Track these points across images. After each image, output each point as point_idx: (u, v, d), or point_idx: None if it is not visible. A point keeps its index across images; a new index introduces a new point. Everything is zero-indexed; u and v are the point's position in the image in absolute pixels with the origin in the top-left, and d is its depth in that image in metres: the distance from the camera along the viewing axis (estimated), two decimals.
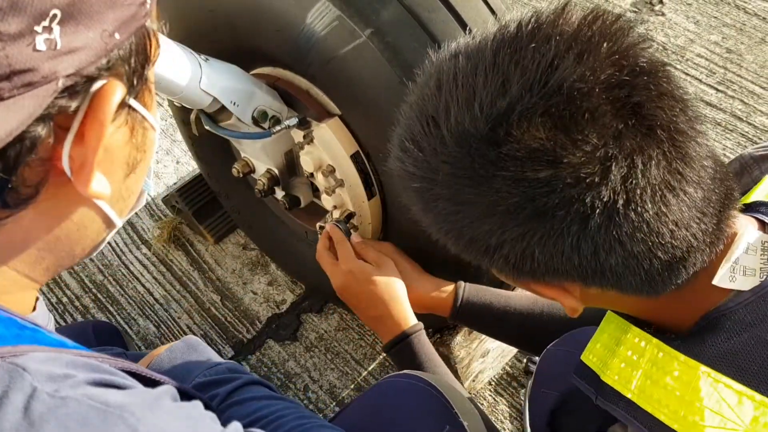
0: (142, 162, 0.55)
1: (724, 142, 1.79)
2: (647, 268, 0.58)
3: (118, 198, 0.54)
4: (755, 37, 2.01)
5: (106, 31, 0.44)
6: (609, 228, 0.54)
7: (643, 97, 0.53)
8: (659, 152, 0.53)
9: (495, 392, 1.39)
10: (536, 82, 0.51)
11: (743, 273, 0.61)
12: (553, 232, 0.55)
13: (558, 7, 0.56)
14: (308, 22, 0.97)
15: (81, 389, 0.46)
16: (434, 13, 0.92)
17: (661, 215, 0.54)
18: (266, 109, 1.06)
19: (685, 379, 0.61)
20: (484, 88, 0.53)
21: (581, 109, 0.51)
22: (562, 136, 0.51)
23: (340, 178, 1.10)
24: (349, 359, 1.47)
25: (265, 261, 1.65)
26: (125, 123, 0.51)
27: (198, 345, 0.85)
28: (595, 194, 0.52)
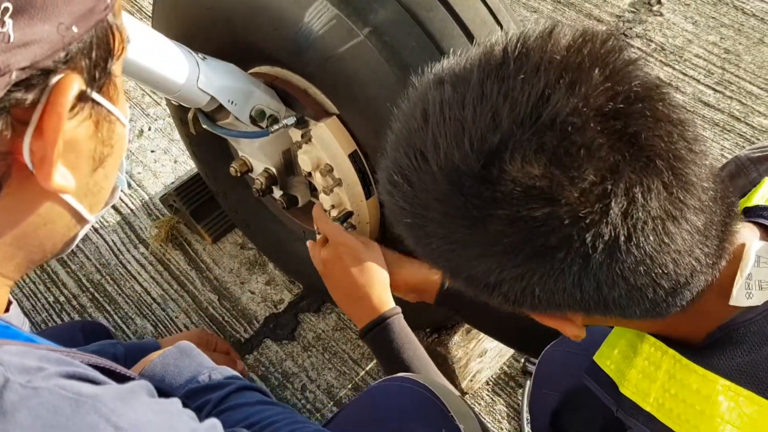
0: (110, 157, 0.55)
1: (722, 142, 1.79)
2: (651, 297, 0.56)
3: (86, 192, 0.54)
4: (753, 37, 2.02)
5: (63, 24, 0.44)
6: (611, 264, 0.53)
7: (639, 126, 0.51)
8: (659, 183, 0.51)
9: (493, 392, 1.39)
10: (528, 117, 0.49)
11: (759, 287, 0.60)
12: (553, 272, 0.54)
13: (545, 30, 0.54)
14: (306, 21, 0.96)
15: (53, 380, 0.46)
16: (432, 12, 0.92)
17: (664, 246, 0.53)
18: (264, 108, 1.06)
19: (704, 392, 0.60)
20: (473, 123, 0.51)
21: (576, 144, 0.49)
22: (558, 173, 0.49)
23: (338, 178, 1.10)
24: (346, 359, 1.47)
25: (263, 260, 1.64)
26: (89, 117, 0.50)
27: (191, 351, 0.84)
28: (596, 232, 0.51)
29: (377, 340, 1.00)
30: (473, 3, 0.95)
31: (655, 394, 0.64)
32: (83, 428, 0.44)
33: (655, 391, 0.65)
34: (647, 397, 0.65)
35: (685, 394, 0.62)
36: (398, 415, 0.84)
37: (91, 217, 0.56)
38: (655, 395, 0.64)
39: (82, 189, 0.53)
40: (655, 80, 0.54)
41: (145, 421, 0.48)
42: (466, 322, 1.22)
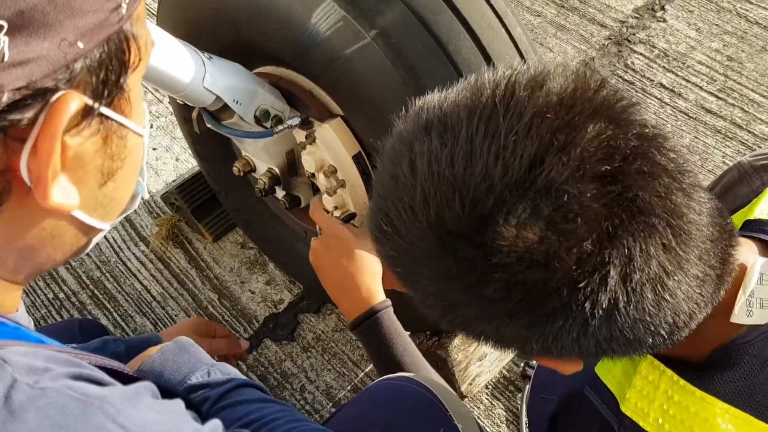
0: (122, 169, 0.53)
1: (724, 149, 1.79)
2: (650, 344, 0.56)
3: (95, 205, 0.53)
4: (756, 45, 2.02)
5: (66, 41, 0.42)
6: (610, 325, 0.52)
7: (637, 187, 0.49)
8: (657, 244, 0.50)
9: (492, 396, 1.39)
10: (521, 181, 0.47)
11: (760, 306, 0.59)
12: (551, 334, 0.53)
13: (537, 77, 0.52)
14: (313, 22, 0.96)
15: (61, 381, 0.46)
16: (439, 15, 0.92)
17: (662, 302, 0.52)
18: (269, 108, 1.06)
19: (703, 415, 0.60)
20: (463, 183, 0.48)
21: (572, 212, 0.47)
22: (555, 239, 0.48)
23: (341, 179, 1.10)
24: (346, 360, 1.47)
25: (264, 260, 1.64)
26: (96, 132, 0.49)
27: (190, 346, 0.84)
28: (594, 300, 0.50)
29: (367, 334, 0.98)
30: (480, 6, 0.95)
31: (655, 414, 0.64)
32: (91, 429, 0.44)
33: (654, 411, 0.64)
34: (647, 417, 0.65)
35: (684, 416, 0.62)
36: (397, 415, 0.84)
37: (104, 226, 0.55)
38: (654, 415, 0.64)
39: (90, 202, 0.52)
40: (653, 128, 0.52)
41: (150, 422, 0.48)
42: None
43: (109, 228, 0.56)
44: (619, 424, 0.69)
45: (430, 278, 0.54)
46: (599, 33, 2.08)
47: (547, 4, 2.17)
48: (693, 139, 1.81)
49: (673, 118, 1.86)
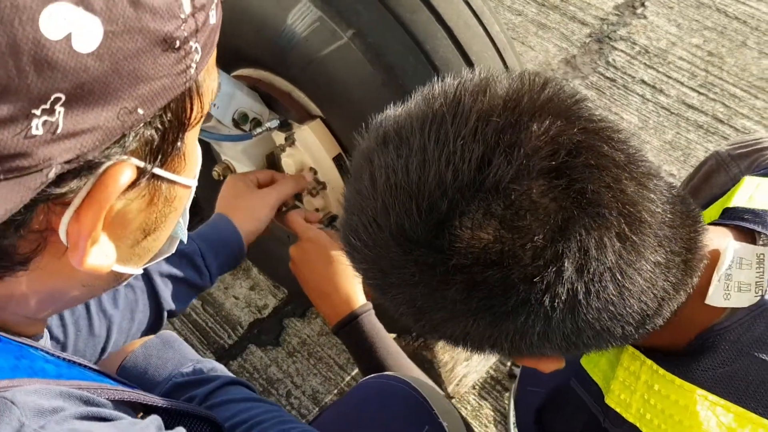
0: (165, 224, 0.50)
1: (706, 144, 1.79)
2: (620, 334, 0.56)
3: (131, 256, 0.50)
4: (736, 40, 2.03)
5: (125, 109, 0.39)
6: (573, 317, 0.52)
7: (584, 180, 0.50)
8: (611, 234, 0.50)
9: (479, 396, 1.39)
10: (471, 184, 0.49)
11: (738, 289, 0.60)
12: (516, 331, 0.54)
13: (480, 84, 0.53)
14: (289, 23, 0.95)
15: (68, 424, 0.45)
16: (416, 15, 0.92)
17: (625, 291, 0.53)
18: (247, 111, 1.05)
19: (682, 403, 0.60)
20: (418, 191, 0.50)
21: (523, 208, 0.48)
22: (509, 236, 0.49)
23: (322, 181, 1.09)
24: (332, 364, 1.46)
25: (247, 265, 1.63)
26: (144, 193, 0.46)
27: (174, 341, 0.83)
28: (553, 293, 0.50)
29: (349, 338, 0.98)
30: (457, 5, 0.94)
31: (637, 405, 0.64)
32: None
33: (636, 401, 0.65)
34: (629, 408, 0.65)
35: (665, 405, 0.62)
36: (382, 414, 0.84)
37: (137, 271, 0.53)
38: (636, 406, 0.64)
39: (127, 255, 0.50)
40: (599, 120, 0.53)
41: None
42: None
43: (141, 271, 0.54)
44: (604, 416, 0.69)
45: (398, 286, 0.55)
46: (580, 31, 2.08)
47: (528, 2, 2.17)
48: (675, 134, 1.82)
49: (655, 114, 1.86)
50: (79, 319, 0.82)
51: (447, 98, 0.52)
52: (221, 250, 0.96)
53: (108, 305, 0.85)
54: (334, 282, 0.99)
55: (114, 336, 0.86)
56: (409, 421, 0.82)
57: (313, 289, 1.02)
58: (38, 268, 0.45)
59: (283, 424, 0.73)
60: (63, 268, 0.46)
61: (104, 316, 0.85)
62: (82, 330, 0.83)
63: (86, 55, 0.36)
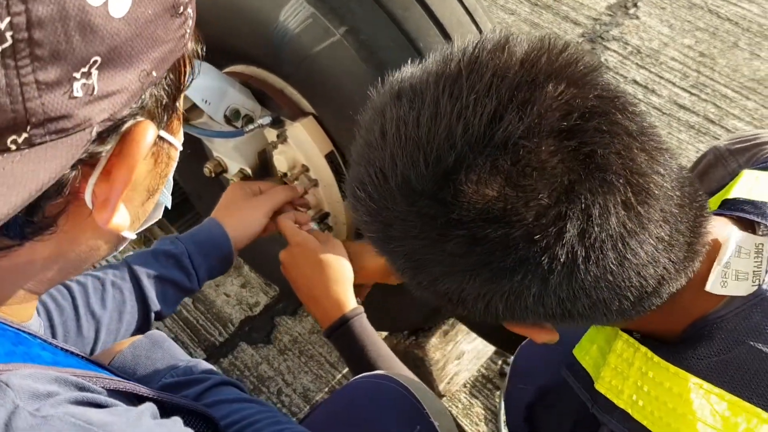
0: (162, 184, 0.53)
1: (698, 144, 1.80)
2: (617, 308, 0.56)
3: (134, 220, 0.53)
4: (728, 41, 2.04)
5: (144, 71, 0.42)
6: (571, 283, 0.52)
7: (595, 144, 0.49)
8: (617, 201, 0.50)
9: (470, 394, 1.39)
10: (481, 138, 0.48)
11: (735, 277, 0.60)
12: (513, 291, 0.54)
13: (499, 42, 0.53)
14: (282, 20, 0.95)
15: (63, 408, 0.45)
16: (409, 12, 0.91)
17: (625, 261, 0.52)
18: (239, 107, 1.05)
19: (676, 390, 0.60)
20: (428, 143, 0.50)
21: (530, 166, 0.48)
22: (513, 194, 0.49)
23: (314, 178, 1.09)
24: (323, 362, 1.46)
25: (238, 263, 1.62)
26: (150, 154, 0.49)
27: (163, 341, 0.82)
28: (552, 254, 0.50)
29: (340, 342, 0.98)
30: (450, 2, 0.94)
31: (629, 392, 0.64)
32: None
33: (629, 388, 0.65)
34: (621, 394, 0.65)
35: (658, 392, 0.62)
36: (374, 413, 0.84)
37: (132, 235, 0.54)
38: (628, 392, 0.64)
39: (133, 219, 0.52)
40: (615, 90, 0.53)
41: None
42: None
43: (135, 237, 0.56)
44: (593, 402, 0.69)
45: (399, 239, 0.55)
46: (573, 30, 2.09)
47: (521, 2, 2.17)
48: (667, 135, 1.82)
49: (646, 114, 1.86)
50: (68, 321, 0.82)
51: (465, 55, 0.52)
52: (210, 253, 0.97)
53: (96, 306, 0.85)
54: (324, 286, 0.98)
55: (102, 337, 0.85)
56: (401, 421, 0.82)
57: (304, 294, 1.02)
58: (58, 238, 0.46)
59: (277, 424, 0.72)
60: (81, 234, 0.49)
61: (92, 317, 0.84)
62: (71, 331, 0.82)
63: (118, 19, 0.39)
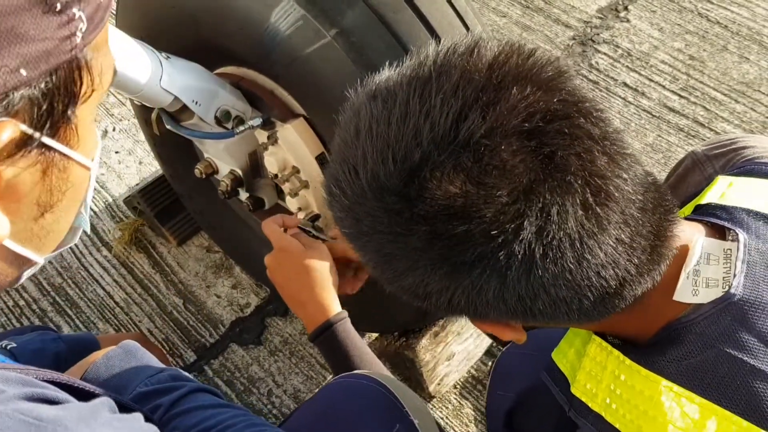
0: (63, 202, 0.50)
1: (687, 147, 1.81)
2: (577, 308, 0.57)
3: (30, 237, 0.50)
4: (717, 44, 2.05)
5: (7, 68, 0.40)
6: (529, 279, 0.54)
7: (555, 145, 0.51)
8: (575, 201, 0.51)
9: (460, 395, 1.39)
10: (445, 136, 0.50)
11: (706, 285, 0.60)
12: (473, 286, 0.55)
13: (469, 45, 0.55)
14: (272, 21, 0.95)
15: (12, 404, 0.44)
16: (399, 14, 0.92)
17: (583, 261, 0.53)
18: (229, 108, 1.05)
19: (648, 393, 0.61)
20: (396, 141, 0.52)
21: (490, 165, 0.50)
22: (474, 191, 0.50)
23: (304, 180, 1.09)
24: (314, 363, 1.46)
25: (229, 264, 1.62)
26: (35, 163, 0.46)
27: (137, 351, 0.81)
28: (509, 251, 0.52)
29: (324, 347, 0.99)
30: (440, 5, 0.95)
31: (603, 395, 0.65)
32: None
33: (602, 391, 0.65)
34: (595, 397, 0.66)
35: (630, 395, 0.63)
36: (353, 412, 0.84)
37: (39, 259, 0.52)
38: (602, 396, 0.65)
39: (25, 234, 0.49)
40: (580, 94, 0.54)
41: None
42: None
43: (44, 262, 0.54)
44: (569, 406, 0.70)
45: (368, 234, 0.57)
46: (564, 33, 2.09)
47: (513, 4, 2.18)
48: (656, 137, 1.83)
49: (636, 116, 1.88)
50: None
51: (437, 57, 0.55)
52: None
53: None
54: (308, 291, 0.98)
55: None
56: (380, 419, 0.83)
57: (289, 298, 1.02)
58: None
59: (253, 426, 0.72)
60: None
61: None
62: None
63: None
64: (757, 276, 0.60)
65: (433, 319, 1.31)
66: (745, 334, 0.58)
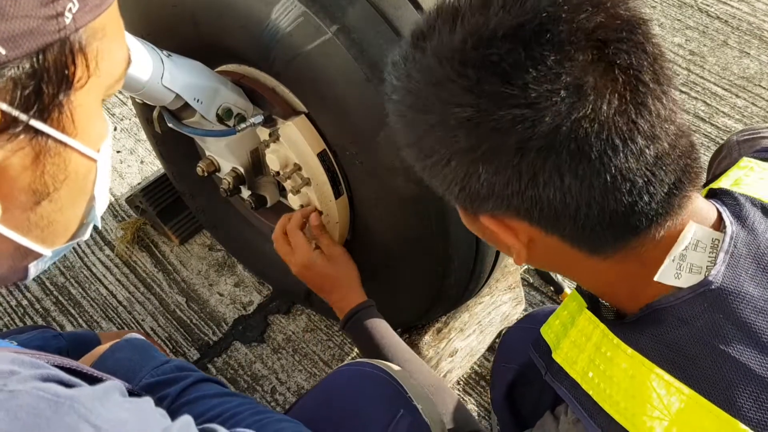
0: (61, 191, 0.50)
1: None
2: (585, 213, 0.57)
3: (29, 226, 0.50)
4: (717, 39, 2.05)
5: None
6: (549, 153, 0.54)
7: (610, 36, 0.53)
8: (613, 93, 0.53)
9: (463, 392, 1.39)
10: (515, 3, 0.53)
11: (689, 270, 0.61)
12: (496, 149, 0.56)
13: None
14: (273, 18, 0.95)
15: (30, 383, 0.45)
16: (400, 10, 0.92)
17: (604, 156, 0.54)
18: (231, 106, 1.05)
19: (629, 371, 0.62)
20: (469, 8, 0.56)
21: (547, 32, 0.52)
22: (522, 55, 0.52)
23: (306, 177, 1.09)
24: (317, 360, 1.46)
25: (232, 262, 1.62)
26: (24, 147, 0.45)
27: (141, 343, 0.82)
28: (540, 116, 0.53)
29: (353, 329, 1.07)
30: None
31: (582, 364, 0.66)
32: (63, 429, 0.44)
33: (582, 360, 0.66)
34: (575, 365, 0.67)
35: (610, 369, 0.63)
36: (357, 398, 0.86)
37: (46, 251, 0.52)
38: (581, 364, 0.66)
39: (22, 222, 0.49)
40: (642, 16, 0.56)
41: (122, 421, 0.48)
42: None
43: (51, 254, 0.53)
44: (546, 370, 0.71)
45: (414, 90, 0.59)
46: None
47: None
48: None
49: None
50: None
51: None
52: None
53: None
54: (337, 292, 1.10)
55: None
56: (384, 405, 0.84)
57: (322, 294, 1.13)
58: None
59: (258, 414, 0.73)
60: None
61: None
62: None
63: None
64: (740, 267, 0.61)
65: (435, 315, 1.31)
66: (722, 320, 0.59)
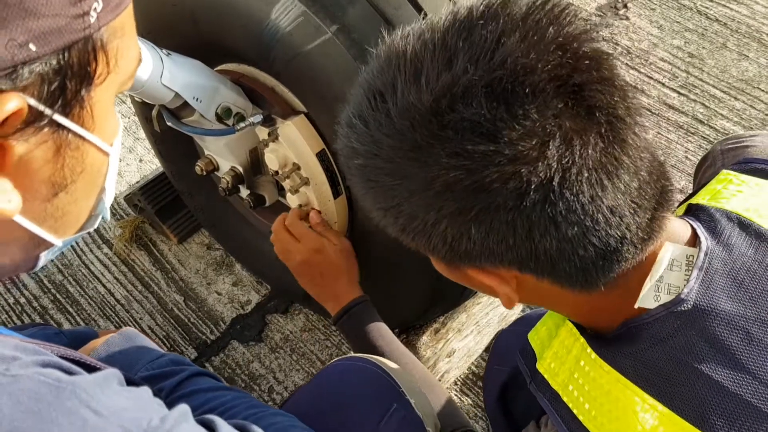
0: (78, 183, 0.51)
1: (686, 144, 1.82)
2: (581, 255, 0.57)
3: (45, 216, 0.51)
4: (716, 42, 2.05)
5: (14, 41, 0.40)
6: (544, 206, 0.54)
7: (584, 78, 0.53)
8: (596, 135, 0.53)
9: (461, 392, 1.39)
10: (482, 56, 0.52)
11: (667, 291, 0.61)
12: (489, 208, 0.55)
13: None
14: (273, 18, 0.95)
15: (32, 368, 0.46)
16: (400, 10, 0.92)
17: (596, 198, 0.54)
18: (230, 105, 1.05)
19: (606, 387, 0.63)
20: (431, 64, 0.53)
21: (523, 84, 0.51)
22: (503, 110, 0.51)
23: (305, 177, 1.09)
24: (314, 360, 1.46)
25: (230, 261, 1.63)
26: (47, 140, 0.46)
27: (136, 337, 0.83)
28: (532, 170, 0.52)
29: (347, 324, 1.07)
30: (440, 2, 0.95)
31: (563, 376, 0.67)
32: (64, 413, 0.45)
33: (563, 373, 0.67)
34: (556, 376, 0.67)
35: (586, 380, 0.64)
36: (350, 392, 0.86)
37: (57, 241, 0.53)
38: (563, 377, 0.67)
39: (39, 213, 0.50)
40: (605, 50, 0.56)
41: (121, 407, 0.49)
42: None
43: (61, 244, 0.54)
44: (531, 378, 0.71)
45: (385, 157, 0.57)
46: None
47: None
48: (656, 134, 1.84)
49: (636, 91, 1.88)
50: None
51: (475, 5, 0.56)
52: None
53: None
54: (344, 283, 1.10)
55: None
56: (377, 399, 0.84)
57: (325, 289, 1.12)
58: None
59: (253, 408, 0.74)
60: None
61: None
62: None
63: None
64: (714, 283, 0.61)
65: (433, 315, 1.31)
66: (695, 338, 0.59)
